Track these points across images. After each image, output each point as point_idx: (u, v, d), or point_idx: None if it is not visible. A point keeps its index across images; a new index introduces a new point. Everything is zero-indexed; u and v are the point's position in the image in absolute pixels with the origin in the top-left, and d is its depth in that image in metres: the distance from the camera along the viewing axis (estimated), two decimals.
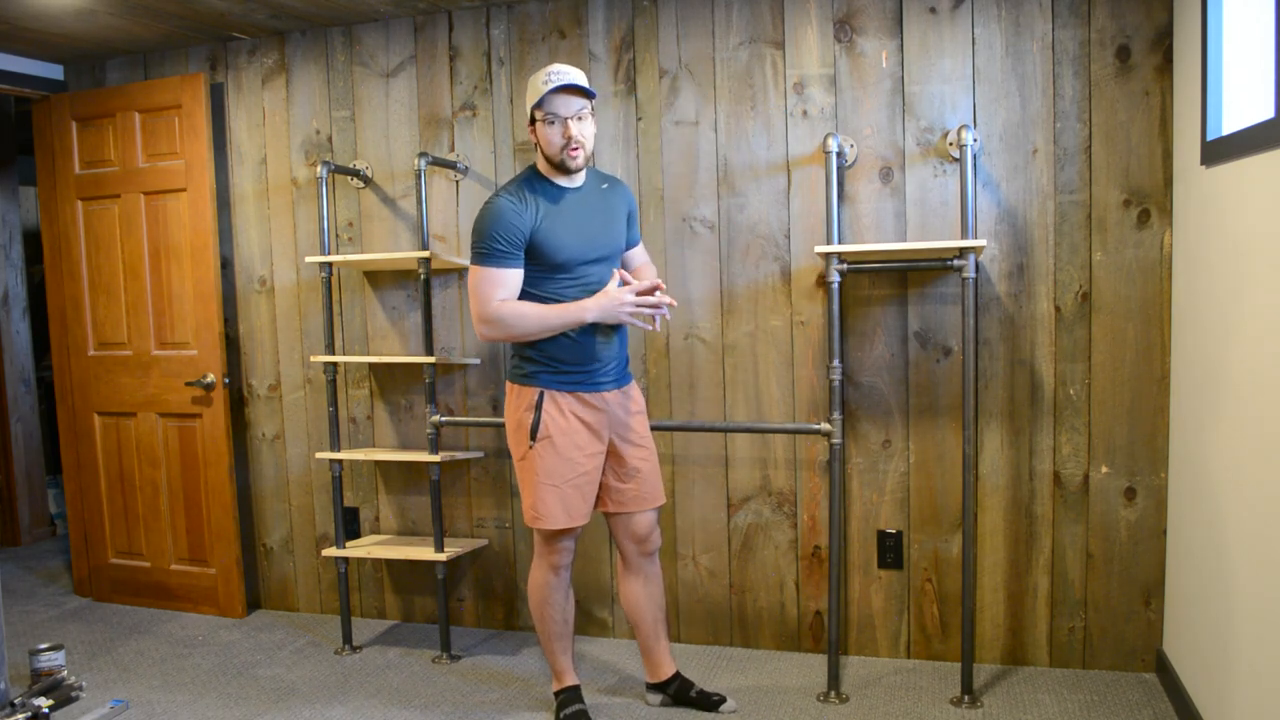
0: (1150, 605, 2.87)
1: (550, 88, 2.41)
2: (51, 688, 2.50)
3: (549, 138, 2.46)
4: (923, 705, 2.76)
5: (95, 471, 3.89)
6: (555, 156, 2.48)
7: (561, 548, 2.63)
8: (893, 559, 3.06)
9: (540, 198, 2.50)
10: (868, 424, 3.06)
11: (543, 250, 2.48)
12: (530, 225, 2.46)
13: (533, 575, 2.70)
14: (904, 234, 2.97)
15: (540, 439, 2.54)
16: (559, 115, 2.43)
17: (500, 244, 2.44)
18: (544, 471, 2.54)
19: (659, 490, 2.70)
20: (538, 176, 2.55)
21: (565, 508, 2.55)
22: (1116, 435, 2.86)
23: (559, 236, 2.49)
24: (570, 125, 2.44)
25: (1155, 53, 2.74)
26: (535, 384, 2.55)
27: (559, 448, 2.54)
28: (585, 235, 2.54)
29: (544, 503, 2.55)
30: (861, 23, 2.96)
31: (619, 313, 2.48)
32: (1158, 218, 2.78)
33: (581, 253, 2.52)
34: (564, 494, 2.55)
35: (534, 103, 2.44)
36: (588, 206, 2.56)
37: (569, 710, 2.68)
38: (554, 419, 2.53)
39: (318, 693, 3.00)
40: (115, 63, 3.81)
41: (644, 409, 2.72)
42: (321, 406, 3.61)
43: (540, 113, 2.45)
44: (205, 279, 3.58)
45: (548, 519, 2.55)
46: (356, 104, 3.49)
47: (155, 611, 3.79)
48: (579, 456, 2.55)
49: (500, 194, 2.51)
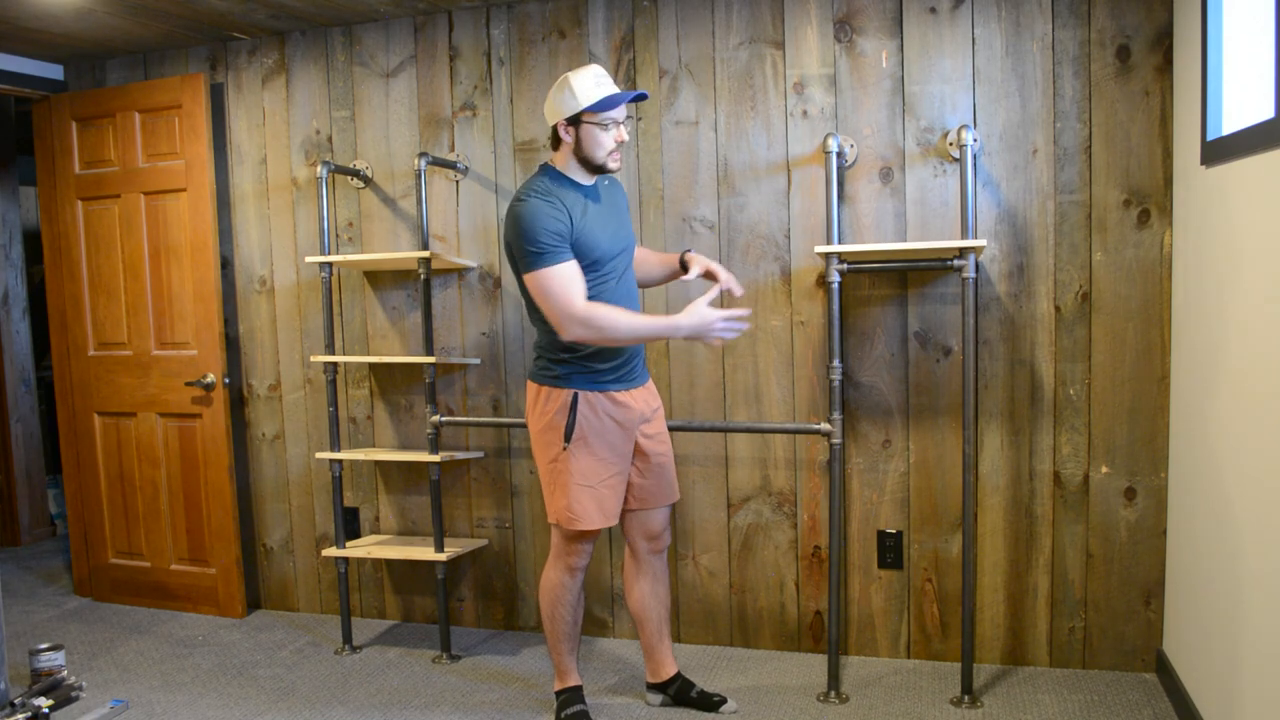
0: (1150, 605, 2.87)
1: (608, 93, 2.41)
2: (51, 688, 2.50)
3: (599, 140, 2.46)
4: (923, 705, 2.76)
5: (95, 471, 3.89)
6: (599, 159, 2.48)
7: (582, 549, 2.63)
8: (893, 559, 3.06)
9: (569, 196, 2.49)
10: (868, 424, 3.06)
11: (582, 247, 2.47)
12: (571, 223, 2.45)
13: (547, 575, 2.69)
14: (904, 234, 2.97)
15: (575, 440, 2.54)
16: (616, 120, 2.46)
17: (552, 240, 2.41)
18: (579, 473, 2.54)
19: (674, 488, 2.73)
20: (559, 176, 2.53)
21: (600, 508, 2.56)
22: (1116, 435, 2.86)
23: (593, 233, 2.50)
24: (622, 130, 2.48)
25: (1155, 53, 2.74)
26: (568, 385, 2.53)
27: (594, 448, 2.54)
28: (613, 230, 2.57)
29: (580, 503, 2.54)
30: (861, 23, 2.96)
31: (709, 331, 2.47)
32: (1158, 218, 2.78)
33: (612, 248, 2.55)
34: (599, 494, 2.56)
35: (588, 104, 2.41)
36: (603, 203, 2.59)
37: (570, 710, 2.69)
38: (589, 420, 2.53)
39: (318, 693, 3.00)
40: (115, 63, 3.81)
41: (661, 405, 2.75)
42: (321, 406, 3.61)
43: (592, 116, 2.43)
44: (205, 279, 3.58)
45: (584, 519, 2.55)
46: (356, 104, 3.49)
47: (155, 611, 3.79)
48: (612, 456, 2.57)
49: (529, 196, 2.46)
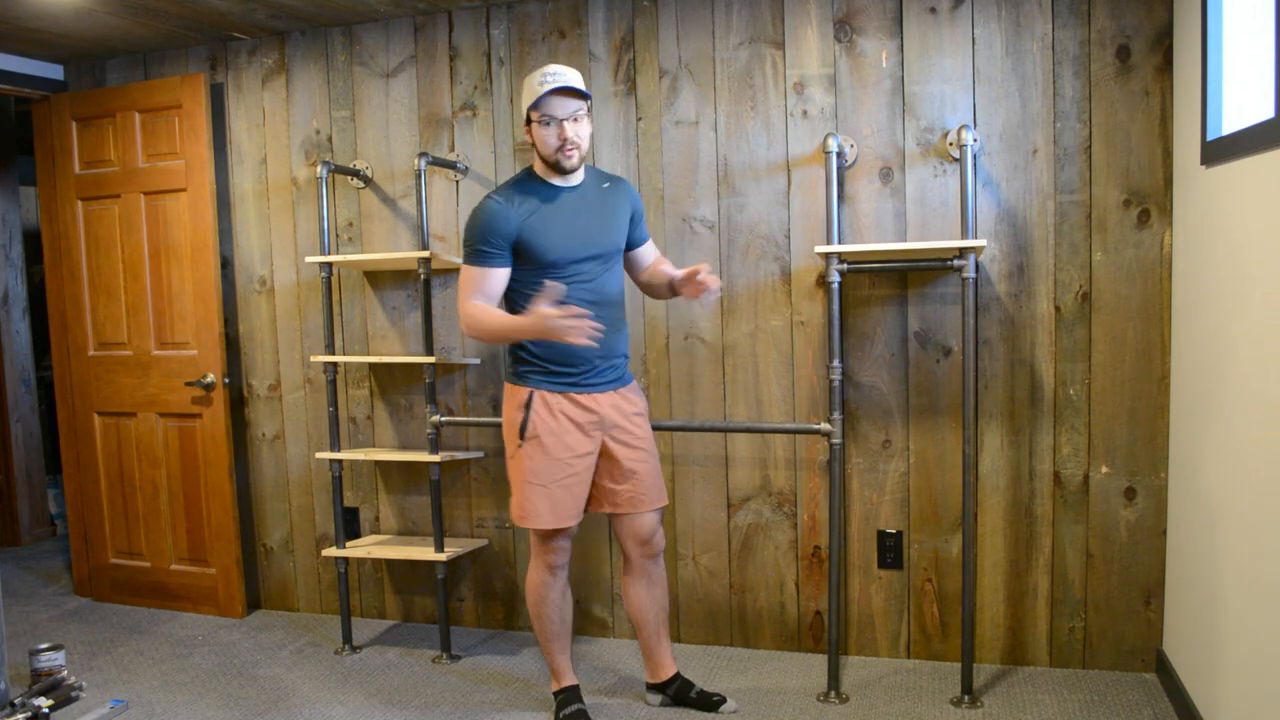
0: (1150, 605, 2.87)
1: (546, 89, 2.42)
2: (51, 688, 2.50)
3: (545, 138, 2.47)
4: (923, 705, 2.76)
5: (95, 471, 3.89)
6: (551, 157, 2.49)
7: (556, 547, 2.63)
8: (893, 559, 3.06)
9: (530, 198, 2.52)
10: (868, 424, 3.06)
11: (531, 250, 2.49)
12: (515, 226, 2.48)
13: (529, 575, 2.70)
14: (904, 234, 2.97)
15: (528, 438, 2.55)
16: (555, 117, 2.45)
17: (481, 244, 2.49)
18: (531, 471, 2.55)
19: (660, 492, 2.69)
20: (531, 177, 2.57)
21: (552, 508, 2.55)
22: (1116, 435, 2.86)
23: (548, 236, 2.49)
24: (566, 126, 2.45)
25: (1155, 53, 2.74)
26: (526, 384, 2.57)
27: (547, 448, 2.54)
28: (577, 234, 2.54)
29: (529, 502, 2.56)
30: (861, 23, 2.96)
31: (550, 330, 2.36)
32: (1158, 218, 2.78)
33: (572, 252, 2.52)
34: (551, 494, 2.55)
35: (530, 104, 2.45)
36: (584, 205, 2.57)
37: (568, 710, 2.69)
38: (543, 419, 2.54)
39: (317, 693, 3.00)
40: (115, 63, 3.81)
41: (643, 410, 2.71)
42: (321, 406, 3.61)
43: (536, 114, 2.46)
44: (205, 279, 3.58)
45: (533, 518, 2.56)
46: (356, 104, 3.49)
47: (155, 611, 3.79)
48: (568, 457, 2.55)
49: (490, 195, 2.55)
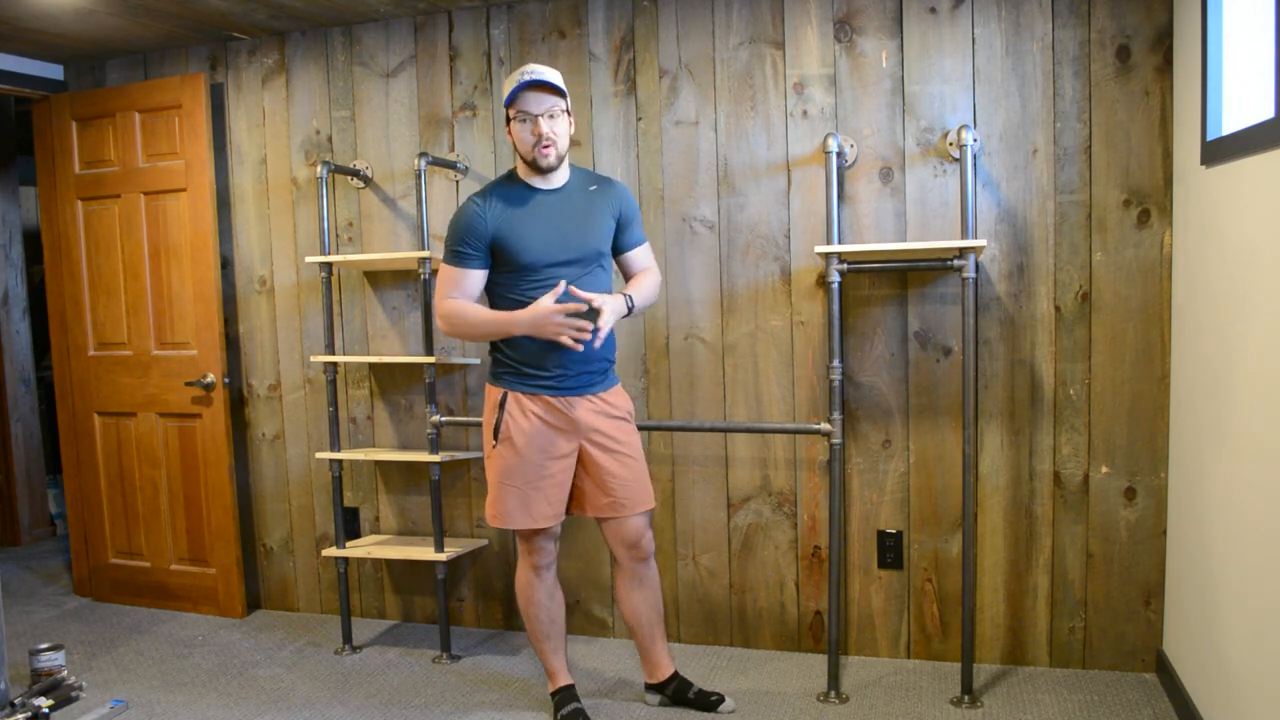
0: (1150, 605, 2.87)
1: (519, 84, 2.42)
2: (51, 688, 2.50)
3: (521, 136, 2.46)
4: (923, 705, 2.76)
5: (95, 471, 3.89)
6: (527, 155, 2.48)
7: (539, 547, 2.63)
8: (893, 559, 3.06)
9: (509, 200, 2.51)
10: (868, 424, 3.06)
11: (507, 252, 2.49)
12: (491, 228, 2.48)
13: (517, 575, 2.71)
14: (904, 234, 2.97)
15: (501, 439, 2.55)
16: (529, 113, 2.44)
17: (458, 245, 2.51)
18: (504, 472, 2.55)
19: (646, 495, 2.64)
20: (513, 179, 2.57)
21: (524, 508, 2.55)
22: (1116, 435, 2.86)
23: (523, 238, 2.48)
24: (541, 123, 2.43)
25: (1155, 53, 2.74)
26: (501, 384, 2.57)
27: (519, 449, 2.53)
28: (556, 237, 2.51)
29: (501, 502, 2.56)
30: (861, 23, 2.96)
31: (546, 327, 2.40)
32: (1158, 218, 2.78)
33: (548, 255, 2.50)
34: (524, 495, 2.55)
35: (505, 100, 2.45)
36: (564, 208, 2.54)
37: (566, 710, 2.68)
38: (516, 420, 2.53)
39: (317, 693, 3.00)
40: (115, 63, 3.81)
41: (626, 413, 2.65)
42: (321, 406, 3.61)
43: (512, 111, 2.45)
44: (205, 279, 3.58)
45: (504, 518, 2.57)
46: (356, 104, 3.49)
47: (155, 611, 3.79)
48: (541, 459, 2.54)
49: (471, 196, 2.56)
